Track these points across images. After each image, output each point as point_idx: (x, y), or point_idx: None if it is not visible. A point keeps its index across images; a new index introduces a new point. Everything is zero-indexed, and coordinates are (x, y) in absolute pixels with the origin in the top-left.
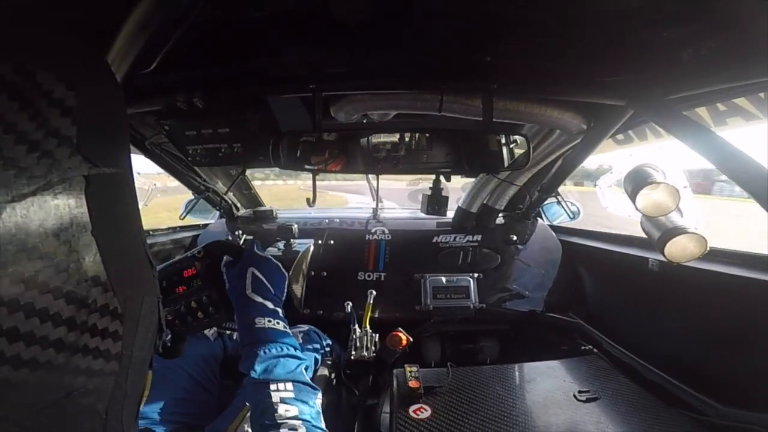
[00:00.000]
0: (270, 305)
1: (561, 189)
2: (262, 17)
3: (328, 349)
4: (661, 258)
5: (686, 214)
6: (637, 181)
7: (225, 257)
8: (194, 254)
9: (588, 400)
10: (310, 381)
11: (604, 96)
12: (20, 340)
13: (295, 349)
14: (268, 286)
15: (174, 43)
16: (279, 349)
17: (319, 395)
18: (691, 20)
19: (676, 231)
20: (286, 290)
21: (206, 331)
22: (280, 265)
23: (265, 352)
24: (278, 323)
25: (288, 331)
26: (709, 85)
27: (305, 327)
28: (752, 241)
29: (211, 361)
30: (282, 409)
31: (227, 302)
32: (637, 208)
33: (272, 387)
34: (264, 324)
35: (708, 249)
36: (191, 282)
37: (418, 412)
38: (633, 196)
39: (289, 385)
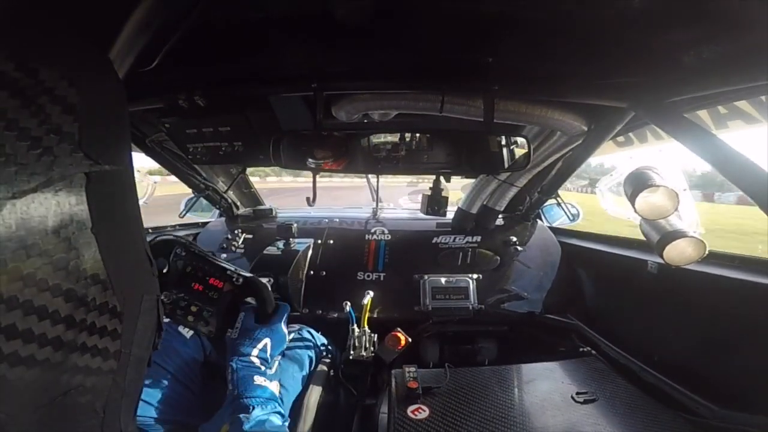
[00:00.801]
0: (263, 368)
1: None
2: (264, 17)
3: (322, 348)
4: (660, 260)
5: (685, 217)
6: (636, 184)
7: (251, 300)
8: (233, 275)
9: (586, 402)
10: None
11: (606, 98)
12: (18, 337)
13: (280, 405)
14: (268, 355)
15: (176, 42)
16: (273, 405)
17: None
18: (693, 23)
19: (676, 234)
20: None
21: (181, 329)
22: (287, 338)
23: (262, 409)
24: (271, 383)
25: (275, 390)
26: (711, 88)
27: (297, 326)
28: None
29: (192, 363)
30: None
31: (221, 326)
32: (636, 211)
33: None
34: (261, 383)
35: (707, 252)
36: (210, 291)
37: (416, 412)
38: (632, 199)
39: None
